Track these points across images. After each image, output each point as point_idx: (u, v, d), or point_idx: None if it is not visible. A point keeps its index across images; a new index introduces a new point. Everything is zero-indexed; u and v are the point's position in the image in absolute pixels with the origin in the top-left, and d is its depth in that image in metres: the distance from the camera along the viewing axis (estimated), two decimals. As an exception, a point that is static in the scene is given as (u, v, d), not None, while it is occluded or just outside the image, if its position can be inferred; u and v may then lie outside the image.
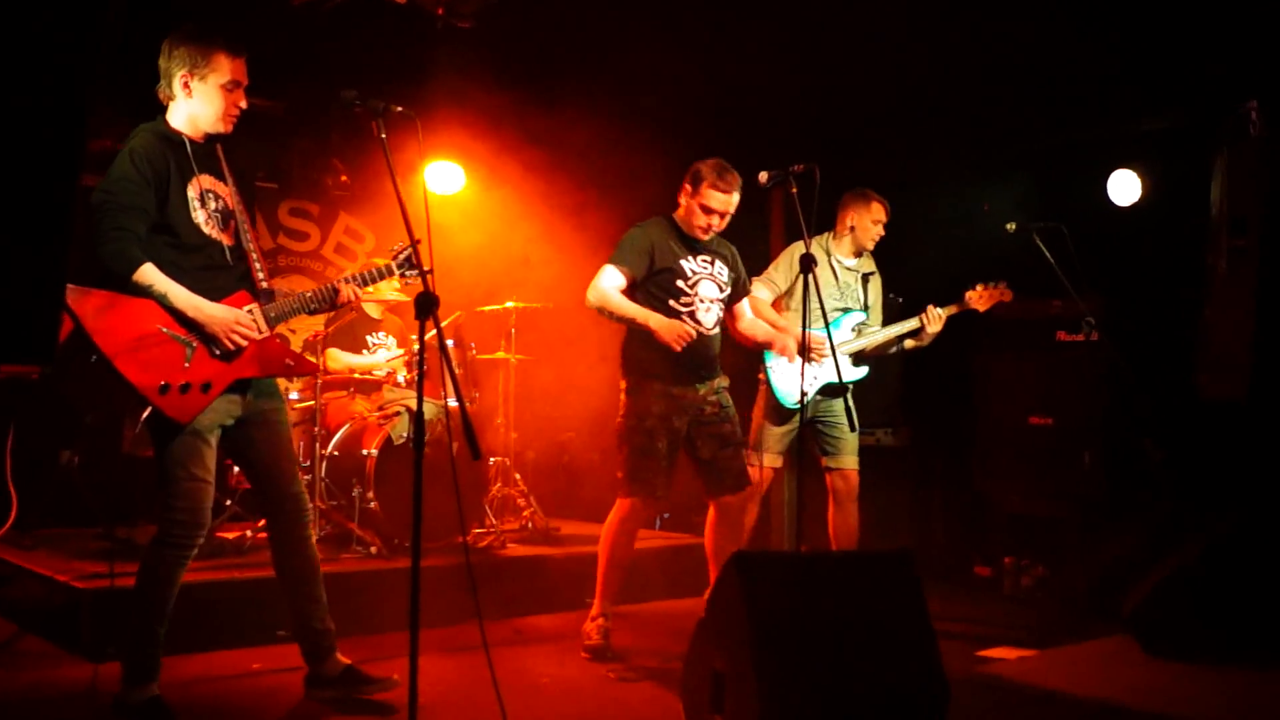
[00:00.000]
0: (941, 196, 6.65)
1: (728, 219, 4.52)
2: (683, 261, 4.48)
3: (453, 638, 4.48)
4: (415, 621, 2.84)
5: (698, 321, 4.46)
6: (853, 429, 4.46)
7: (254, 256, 3.53)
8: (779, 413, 5.13)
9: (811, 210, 4.81)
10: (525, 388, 6.75)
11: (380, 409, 5.55)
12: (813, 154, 4.33)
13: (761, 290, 5.17)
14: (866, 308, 5.36)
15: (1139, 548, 4.97)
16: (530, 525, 6.15)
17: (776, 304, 5.26)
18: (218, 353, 3.36)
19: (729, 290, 4.62)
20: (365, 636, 4.32)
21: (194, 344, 3.32)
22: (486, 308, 6.50)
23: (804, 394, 4.92)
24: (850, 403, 4.36)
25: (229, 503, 5.45)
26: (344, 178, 7.24)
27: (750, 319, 4.78)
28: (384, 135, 3.17)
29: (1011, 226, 5.17)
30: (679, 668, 3.32)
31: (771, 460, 5.09)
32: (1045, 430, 5.98)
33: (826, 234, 5.37)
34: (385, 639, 4.36)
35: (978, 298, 5.26)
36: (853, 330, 5.30)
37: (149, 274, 3.26)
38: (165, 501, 3.33)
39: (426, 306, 2.95)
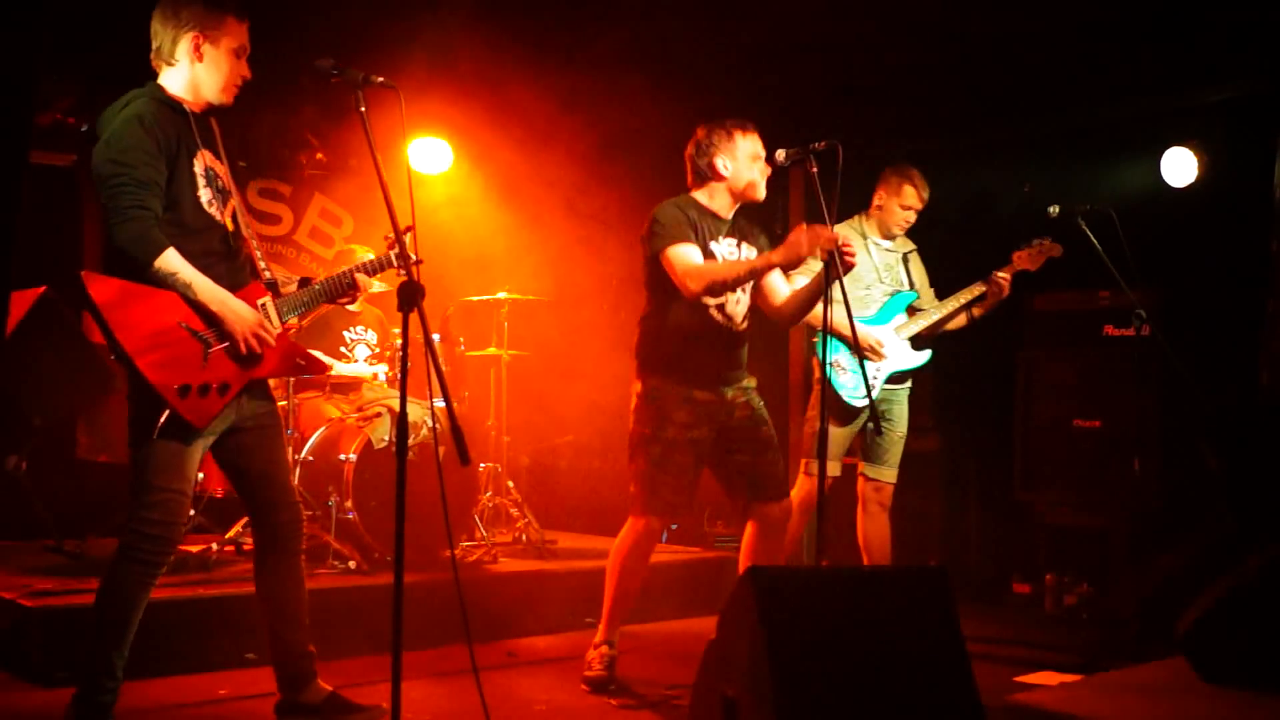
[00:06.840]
0: (977, 176, 6.64)
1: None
2: (713, 245, 4.40)
3: (439, 661, 4.49)
4: (398, 644, 2.86)
5: (728, 315, 4.40)
6: (878, 432, 4.43)
7: (254, 243, 3.53)
8: (844, 413, 5.11)
9: (833, 192, 4.81)
10: (519, 387, 6.76)
11: (359, 410, 5.55)
12: (841, 129, 4.32)
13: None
14: (913, 288, 5.38)
15: (1195, 563, 4.96)
16: (524, 538, 6.16)
17: None
18: (235, 351, 3.34)
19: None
20: (343, 660, 4.33)
21: (211, 341, 3.30)
22: (476, 298, 6.51)
23: (870, 388, 4.94)
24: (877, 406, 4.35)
25: (193, 512, 5.46)
26: (319, 155, 7.25)
27: (791, 291, 4.51)
28: (364, 109, 3.17)
29: (1054, 210, 5.15)
30: (687, 695, 3.33)
31: (834, 468, 4.98)
32: (1092, 434, 5.98)
33: (859, 215, 5.38)
34: (365, 662, 4.37)
35: (1027, 257, 5.26)
36: (907, 313, 5.30)
37: (172, 261, 3.22)
38: (137, 513, 3.29)
39: (411, 297, 2.95)
